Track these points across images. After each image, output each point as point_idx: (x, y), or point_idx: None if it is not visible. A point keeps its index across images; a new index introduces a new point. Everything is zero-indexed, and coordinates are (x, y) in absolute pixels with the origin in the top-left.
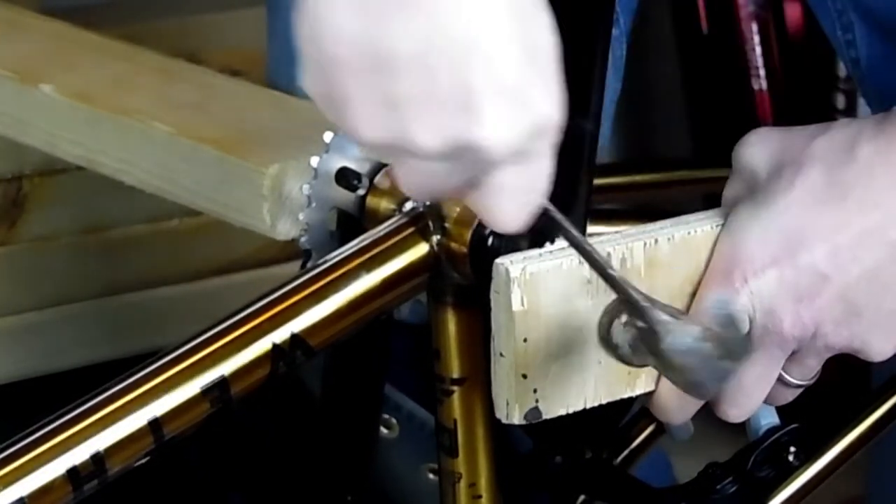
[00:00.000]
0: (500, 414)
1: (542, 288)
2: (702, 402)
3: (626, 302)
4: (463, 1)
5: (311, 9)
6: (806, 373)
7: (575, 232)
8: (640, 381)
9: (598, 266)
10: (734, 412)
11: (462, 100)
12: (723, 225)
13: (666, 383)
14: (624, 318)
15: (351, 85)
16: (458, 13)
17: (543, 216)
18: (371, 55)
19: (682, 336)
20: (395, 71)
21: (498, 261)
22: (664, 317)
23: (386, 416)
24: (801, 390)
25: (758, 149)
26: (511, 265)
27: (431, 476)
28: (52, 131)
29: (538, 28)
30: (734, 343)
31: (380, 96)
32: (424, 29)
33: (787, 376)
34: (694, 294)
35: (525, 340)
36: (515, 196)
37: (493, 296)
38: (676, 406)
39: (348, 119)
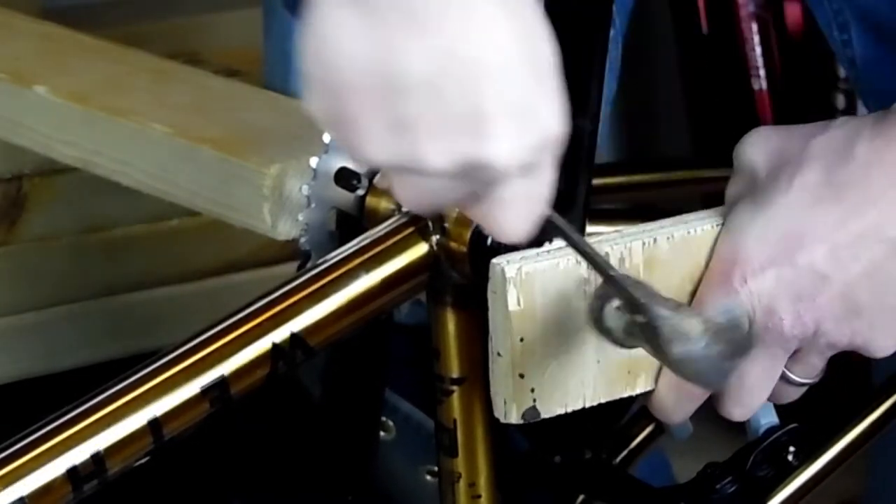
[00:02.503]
0: (499, 413)
1: (539, 287)
2: (700, 401)
3: (628, 302)
4: (470, 23)
5: (317, 30)
6: (809, 371)
7: (575, 234)
8: (640, 381)
9: (599, 267)
10: (738, 411)
11: (472, 121)
12: (722, 224)
13: (665, 382)
14: (615, 302)
15: (359, 107)
16: (465, 35)
17: (544, 220)
18: (381, 78)
19: (683, 332)
20: (404, 93)
21: (494, 261)
22: (665, 312)
23: (383, 418)
24: (805, 388)
25: (758, 148)
26: (507, 265)
27: (429, 478)
28: (47, 133)
29: (540, 44)
30: (737, 337)
31: (389, 119)
32: (434, 51)
33: (790, 375)
34: (694, 293)
35: (522, 340)
36: (520, 207)
37: (489, 295)
38: (675, 404)
39: (354, 140)
